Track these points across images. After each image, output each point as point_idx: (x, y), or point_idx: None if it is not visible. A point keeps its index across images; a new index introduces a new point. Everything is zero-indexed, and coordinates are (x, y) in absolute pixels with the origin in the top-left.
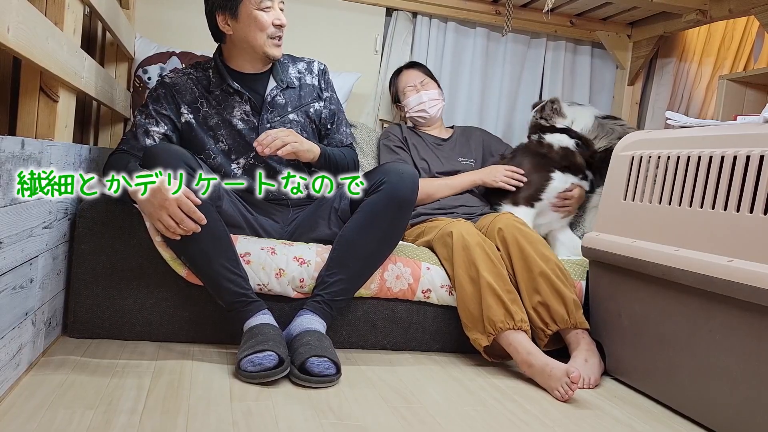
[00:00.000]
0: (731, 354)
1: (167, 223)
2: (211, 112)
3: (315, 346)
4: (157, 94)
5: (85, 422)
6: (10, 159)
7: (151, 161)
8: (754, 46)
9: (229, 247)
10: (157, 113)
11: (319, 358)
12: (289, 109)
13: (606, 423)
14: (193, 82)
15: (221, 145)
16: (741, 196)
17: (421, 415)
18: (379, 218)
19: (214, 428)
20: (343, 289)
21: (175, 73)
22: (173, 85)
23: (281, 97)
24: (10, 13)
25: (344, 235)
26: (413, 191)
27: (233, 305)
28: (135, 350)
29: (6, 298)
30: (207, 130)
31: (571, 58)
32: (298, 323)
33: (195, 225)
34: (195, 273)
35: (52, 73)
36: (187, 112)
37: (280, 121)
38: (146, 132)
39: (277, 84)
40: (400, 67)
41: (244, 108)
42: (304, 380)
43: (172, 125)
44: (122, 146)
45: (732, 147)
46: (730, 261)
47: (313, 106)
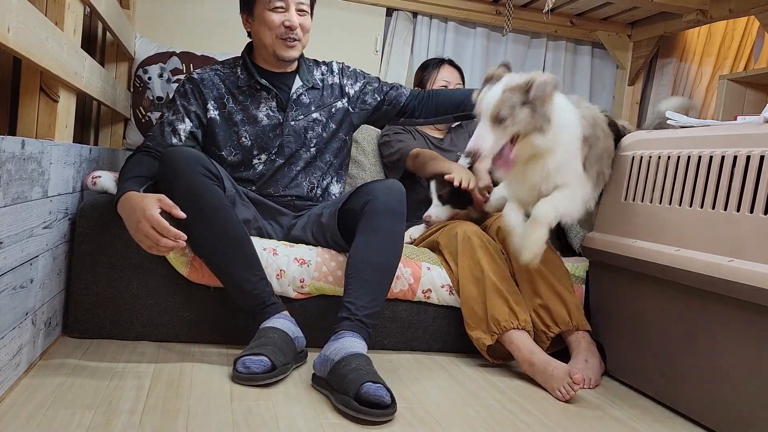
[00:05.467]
0: (731, 354)
1: (145, 243)
2: (237, 108)
3: (368, 371)
4: (185, 90)
5: (85, 422)
6: (10, 159)
7: (168, 166)
8: (755, 46)
9: (250, 251)
10: (184, 109)
11: (374, 384)
12: (312, 108)
13: (606, 423)
14: (220, 78)
15: (244, 141)
16: (741, 196)
17: (421, 415)
18: (378, 233)
19: (214, 428)
20: (372, 300)
21: (203, 69)
22: (201, 80)
23: (306, 97)
24: (10, 13)
25: (353, 255)
26: (401, 202)
27: (253, 308)
28: (135, 350)
29: (6, 298)
30: (231, 125)
31: (571, 58)
32: (337, 347)
33: (174, 243)
34: (215, 275)
35: (52, 73)
36: (213, 108)
37: (305, 119)
38: (173, 130)
39: (303, 83)
40: (441, 58)
41: (270, 104)
42: (363, 413)
43: (198, 121)
44: (147, 142)
45: (732, 147)
46: (730, 261)
47: (335, 105)
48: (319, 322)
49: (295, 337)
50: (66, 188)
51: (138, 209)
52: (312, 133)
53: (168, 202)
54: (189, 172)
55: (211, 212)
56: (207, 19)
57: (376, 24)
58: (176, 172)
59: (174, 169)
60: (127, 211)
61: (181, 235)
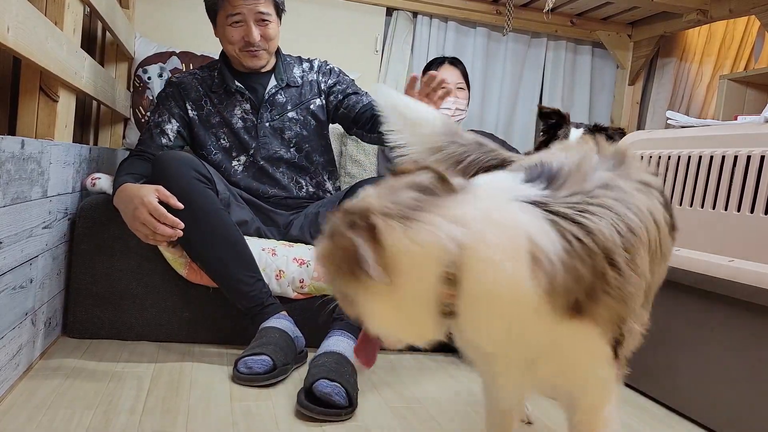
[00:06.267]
0: (731, 354)
1: (142, 231)
2: (213, 110)
3: (330, 368)
4: (165, 94)
5: (84, 422)
6: (10, 159)
7: (160, 170)
8: (755, 45)
9: (246, 252)
10: (168, 111)
11: (330, 381)
12: (288, 107)
13: None
14: (198, 81)
15: (222, 143)
16: (741, 196)
17: (421, 415)
18: None
19: (214, 428)
20: None
21: (183, 74)
22: (180, 83)
23: (282, 96)
24: (9, 13)
25: None
26: None
27: (250, 310)
28: (134, 350)
29: (6, 298)
30: (209, 127)
31: (571, 58)
32: (324, 346)
33: (172, 231)
34: (211, 278)
35: (51, 73)
36: (191, 110)
37: (280, 119)
38: (161, 131)
39: (277, 83)
40: (443, 57)
41: (244, 107)
42: (305, 407)
43: (183, 122)
44: (139, 146)
45: (732, 147)
46: (731, 261)
47: (314, 102)
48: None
49: (295, 337)
50: (66, 188)
51: (135, 197)
52: (290, 133)
53: (165, 192)
54: (181, 176)
55: (204, 216)
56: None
57: (376, 24)
58: (169, 177)
59: (166, 174)
60: (124, 201)
61: (178, 223)
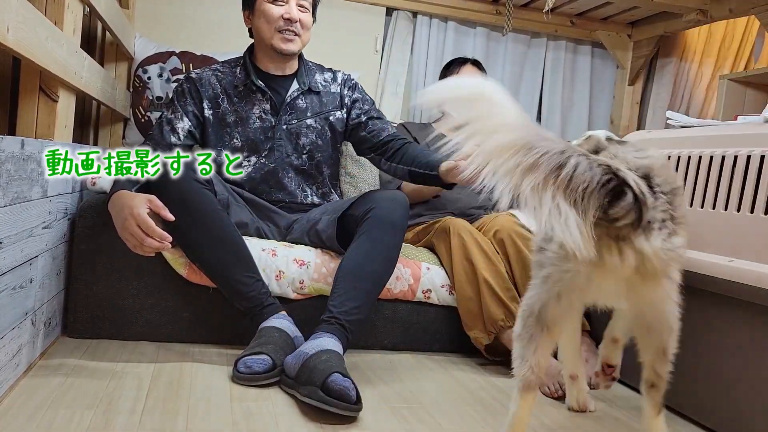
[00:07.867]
0: (731, 354)
1: (131, 241)
2: (230, 109)
3: (337, 364)
4: (182, 89)
5: (84, 422)
6: (10, 159)
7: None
8: (755, 45)
9: (244, 253)
10: (182, 108)
11: (343, 377)
12: (308, 114)
13: (606, 423)
14: (217, 78)
15: (235, 143)
16: (741, 196)
17: (421, 415)
18: (377, 243)
19: (214, 428)
20: (356, 307)
21: (202, 69)
22: (198, 79)
23: (302, 101)
24: (9, 13)
25: (348, 260)
26: (403, 216)
27: (250, 310)
28: (135, 350)
29: (6, 298)
30: (224, 126)
31: (571, 58)
32: (317, 345)
33: (159, 244)
34: (211, 279)
35: (51, 73)
36: (207, 108)
37: (297, 124)
38: (172, 128)
39: (299, 86)
40: (465, 57)
41: (263, 107)
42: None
43: (196, 120)
44: (147, 141)
45: (732, 147)
46: (731, 261)
47: (334, 113)
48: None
49: (294, 336)
50: (65, 188)
51: (126, 207)
52: (305, 140)
53: (158, 203)
54: (180, 177)
55: (202, 217)
56: (207, 19)
57: (376, 24)
58: (166, 179)
59: (164, 176)
60: (116, 209)
61: (166, 237)
